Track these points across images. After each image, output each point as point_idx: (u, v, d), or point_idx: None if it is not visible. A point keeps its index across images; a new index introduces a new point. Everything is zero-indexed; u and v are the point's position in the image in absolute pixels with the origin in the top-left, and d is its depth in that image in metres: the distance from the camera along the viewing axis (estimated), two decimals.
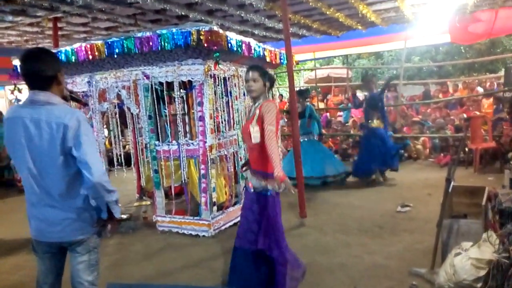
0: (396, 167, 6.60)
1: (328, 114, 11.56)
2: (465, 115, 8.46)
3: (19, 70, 5.25)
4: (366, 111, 6.72)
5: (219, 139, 4.68)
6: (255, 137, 2.92)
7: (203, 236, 4.51)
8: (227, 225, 4.76)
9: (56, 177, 2.08)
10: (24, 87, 8.84)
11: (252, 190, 2.99)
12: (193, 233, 4.57)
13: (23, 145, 2.06)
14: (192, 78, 4.42)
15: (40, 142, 2.04)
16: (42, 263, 2.26)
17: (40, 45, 8.35)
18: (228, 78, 4.89)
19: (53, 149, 2.04)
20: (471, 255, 2.87)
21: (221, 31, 4.18)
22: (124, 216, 5.32)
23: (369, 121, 6.60)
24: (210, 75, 4.45)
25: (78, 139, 2.03)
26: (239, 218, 4.94)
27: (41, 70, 2.05)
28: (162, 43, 4.14)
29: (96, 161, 2.07)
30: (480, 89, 10.35)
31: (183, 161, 4.58)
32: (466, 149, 7.18)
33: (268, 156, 2.81)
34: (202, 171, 4.48)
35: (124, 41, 4.31)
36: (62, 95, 2.19)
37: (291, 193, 2.75)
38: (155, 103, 4.69)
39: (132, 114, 5.01)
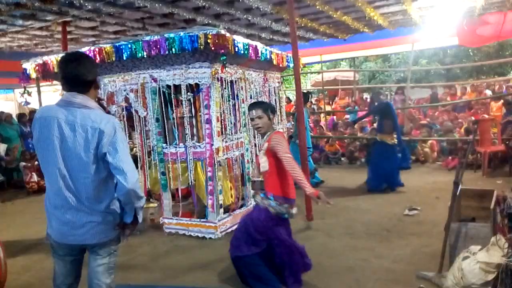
0: (407, 167, 6.57)
1: (335, 117, 11.54)
2: (473, 118, 8.40)
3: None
4: (370, 112, 6.64)
5: (225, 141, 4.70)
6: (263, 166, 3.17)
7: (210, 238, 4.52)
8: (234, 227, 4.75)
9: (85, 181, 2.08)
10: (33, 90, 8.95)
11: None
12: (200, 235, 4.59)
13: (56, 145, 2.05)
14: (199, 81, 4.44)
15: (73, 144, 2.04)
16: (62, 265, 2.25)
17: (49, 49, 8.47)
18: (235, 81, 4.91)
19: (86, 153, 2.04)
20: (480, 259, 2.85)
21: (228, 34, 4.21)
22: None
23: (377, 134, 6.41)
24: (217, 78, 4.47)
25: (114, 146, 2.05)
26: None
27: (82, 74, 2.08)
28: (170, 46, 4.18)
29: (131, 168, 2.08)
30: (488, 92, 10.27)
31: (190, 163, 4.60)
32: (475, 153, 7.12)
33: (285, 181, 3.10)
34: (209, 174, 4.50)
35: (132, 44, 4.35)
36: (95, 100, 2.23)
37: (329, 205, 2.97)
38: (163, 106, 4.72)
39: (139, 117, 5.05)
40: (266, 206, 3.12)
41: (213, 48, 4.05)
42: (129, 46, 4.37)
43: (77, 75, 2.07)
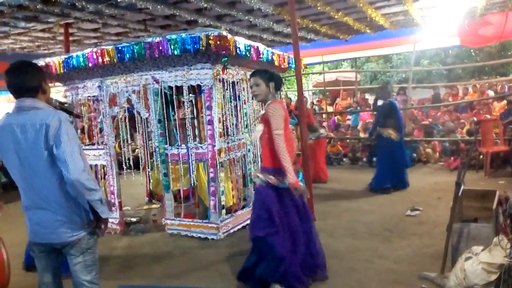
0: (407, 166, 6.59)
1: (336, 118, 11.53)
2: (475, 119, 8.38)
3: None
4: (378, 119, 6.44)
5: (227, 142, 4.71)
6: (256, 137, 3.15)
7: (212, 239, 4.53)
8: (236, 228, 4.77)
9: (45, 178, 2.15)
10: None
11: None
12: (202, 236, 4.59)
13: (12, 150, 2.16)
14: (201, 83, 4.46)
15: (26, 144, 2.13)
16: (39, 263, 2.35)
17: (51, 51, 8.50)
18: (237, 82, 4.93)
19: (37, 149, 2.12)
20: (482, 259, 2.84)
21: (229, 36, 4.22)
22: (134, 219, 5.37)
23: (382, 129, 6.30)
24: (219, 79, 4.49)
25: (59, 138, 2.10)
26: (248, 221, 4.98)
27: (25, 81, 2.18)
28: (172, 48, 4.19)
29: (75, 159, 2.10)
30: (491, 93, 10.24)
31: (192, 164, 4.61)
32: (478, 153, 7.11)
33: (275, 154, 2.98)
34: (211, 175, 4.51)
35: (134, 46, 4.37)
36: (48, 103, 2.29)
37: (306, 196, 2.92)
38: (164, 107, 4.74)
39: (141, 118, 5.07)
40: (258, 179, 3.13)
41: (214, 50, 4.07)
42: (131, 47, 4.39)
43: (21, 82, 2.18)
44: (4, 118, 2.25)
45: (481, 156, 7.09)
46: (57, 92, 11.86)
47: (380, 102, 6.54)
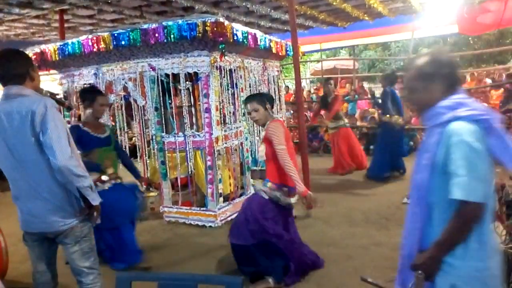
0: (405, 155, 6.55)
1: None
2: None
3: None
4: (386, 105, 6.32)
5: (225, 131, 4.69)
6: (261, 156, 3.22)
7: (210, 226, 4.55)
8: (233, 216, 4.77)
9: (34, 166, 2.13)
10: None
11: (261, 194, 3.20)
12: (200, 223, 4.61)
13: (1, 139, 2.13)
14: (198, 70, 4.42)
15: (12, 132, 2.11)
16: (32, 252, 2.35)
17: (46, 37, 8.40)
18: (234, 70, 4.89)
19: (25, 136, 2.09)
20: None
21: (226, 22, 4.17)
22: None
23: (387, 115, 6.21)
24: (216, 67, 4.45)
25: (45, 124, 2.07)
26: None
27: (11, 69, 2.16)
28: (168, 35, 4.14)
29: (62, 145, 2.09)
30: (488, 81, 10.23)
31: (189, 152, 4.60)
32: None
33: (283, 169, 3.04)
34: (209, 163, 4.50)
35: (130, 33, 4.31)
36: (37, 91, 2.26)
37: (317, 206, 3.03)
38: (161, 95, 4.71)
39: (138, 106, 5.03)
40: (262, 191, 3.15)
41: (211, 36, 4.02)
42: (127, 34, 4.33)
43: (6, 70, 2.16)
44: None
45: None
46: (53, 80, 11.78)
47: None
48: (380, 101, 6.47)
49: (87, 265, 2.30)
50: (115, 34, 4.40)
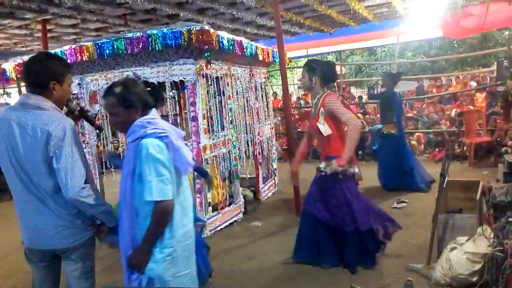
0: (424, 188, 5.61)
1: None
2: (457, 110, 8.48)
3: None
4: (382, 112, 6.01)
5: (212, 139, 4.65)
6: (326, 131, 3.29)
7: None
8: (223, 226, 4.73)
9: (44, 184, 1.99)
10: (13, 91, 8.73)
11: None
12: None
13: (9, 148, 1.98)
14: (184, 78, 4.38)
15: (23, 147, 1.96)
16: (37, 271, 2.18)
17: (29, 48, 8.28)
18: (221, 77, 4.86)
19: (35, 156, 1.95)
20: (467, 250, 2.87)
21: (212, 30, 4.15)
22: None
23: (382, 125, 5.87)
24: (202, 75, 4.41)
25: (60, 150, 1.93)
26: (235, 218, 4.96)
27: (35, 74, 2.00)
28: (153, 43, 4.10)
29: (75, 175, 1.94)
30: (473, 84, 10.38)
31: None
32: (461, 144, 7.19)
33: (337, 142, 3.30)
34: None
35: (114, 42, 4.26)
36: (61, 103, 2.12)
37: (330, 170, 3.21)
38: None
39: None
40: (335, 170, 3.23)
41: (197, 44, 3.99)
42: (111, 43, 4.27)
43: (30, 75, 2.02)
44: (3, 110, 2.06)
45: (465, 147, 7.18)
46: None
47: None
48: (382, 104, 5.98)
49: (86, 286, 2.17)
50: (99, 44, 4.34)
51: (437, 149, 7.90)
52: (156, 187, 1.88)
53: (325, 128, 3.26)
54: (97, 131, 2.80)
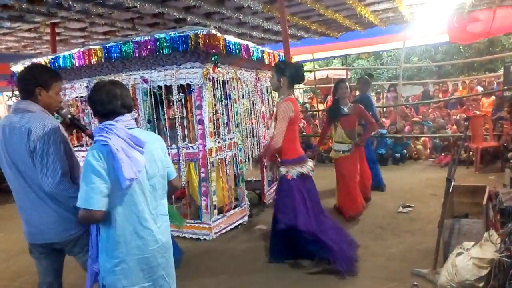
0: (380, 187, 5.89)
1: None
2: (464, 115, 8.45)
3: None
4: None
5: (218, 142, 4.67)
6: (270, 131, 3.53)
7: (204, 239, 4.49)
8: (228, 228, 4.74)
9: (32, 182, 2.14)
10: None
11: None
12: (194, 236, 4.56)
13: (3, 151, 2.17)
14: (190, 82, 4.41)
15: (13, 147, 2.14)
16: (39, 263, 2.33)
17: (38, 51, 8.38)
18: (227, 81, 4.88)
19: (22, 153, 2.12)
20: (473, 255, 2.86)
21: (219, 34, 4.18)
22: None
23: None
24: (209, 78, 4.44)
25: (38, 146, 2.09)
26: (240, 221, 4.97)
27: (21, 81, 2.23)
28: (160, 47, 4.14)
29: (51, 170, 2.09)
30: (480, 88, 10.34)
31: (181, 165, 4.57)
32: (467, 149, 7.16)
33: (286, 147, 3.48)
34: (202, 175, 4.47)
35: (122, 45, 4.31)
36: (50, 109, 2.29)
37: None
38: (154, 107, 4.68)
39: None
40: (282, 174, 3.50)
41: (204, 48, 4.03)
42: (119, 47, 4.33)
43: (19, 82, 2.25)
44: (3, 118, 2.31)
45: (471, 152, 7.15)
46: None
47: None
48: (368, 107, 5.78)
49: None
50: (107, 47, 4.39)
51: (443, 154, 7.87)
52: (84, 194, 1.85)
53: (271, 129, 3.54)
54: (88, 138, 2.93)
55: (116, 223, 1.93)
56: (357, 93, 6.36)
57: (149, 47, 4.18)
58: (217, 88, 4.64)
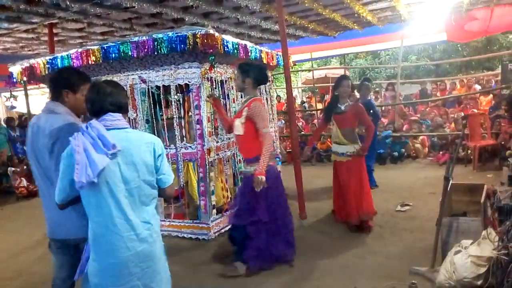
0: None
1: None
2: (462, 113, 8.47)
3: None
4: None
5: (217, 142, 4.68)
6: (239, 130, 3.47)
7: (203, 239, 4.50)
8: (227, 228, 4.73)
9: (52, 183, 2.18)
10: (20, 93, 8.80)
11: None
12: (193, 236, 4.56)
13: (30, 149, 2.29)
14: (189, 82, 4.41)
15: (38, 146, 2.24)
16: (55, 258, 2.42)
17: (36, 51, 8.36)
18: (225, 81, 4.89)
19: (44, 153, 2.21)
20: (471, 253, 2.87)
21: (217, 34, 4.18)
22: None
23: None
24: (207, 78, 4.45)
25: (53, 150, 2.17)
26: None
27: (52, 82, 2.35)
28: (158, 47, 4.14)
29: (57, 179, 2.05)
30: (477, 87, 10.36)
31: (179, 165, 4.57)
32: (465, 147, 7.18)
33: (253, 146, 3.42)
34: (201, 174, 4.47)
35: (120, 45, 4.30)
36: (78, 111, 2.36)
37: (258, 187, 3.30)
38: (152, 107, 4.69)
39: (129, 118, 5.00)
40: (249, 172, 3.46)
41: (202, 48, 4.03)
42: (117, 47, 4.32)
43: (50, 83, 2.37)
44: (34, 117, 2.40)
45: (469, 151, 7.17)
46: (43, 93, 11.72)
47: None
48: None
49: None
50: (105, 47, 4.39)
51: (441, 152, 7.89)
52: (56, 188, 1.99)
53: (239, 127, 3.45)
54: None
55: (90, 223, 1.99)
56: (358, 96, 6.36)
57: (147, 47, 4.18)
58: (216, 88, 4.64)
